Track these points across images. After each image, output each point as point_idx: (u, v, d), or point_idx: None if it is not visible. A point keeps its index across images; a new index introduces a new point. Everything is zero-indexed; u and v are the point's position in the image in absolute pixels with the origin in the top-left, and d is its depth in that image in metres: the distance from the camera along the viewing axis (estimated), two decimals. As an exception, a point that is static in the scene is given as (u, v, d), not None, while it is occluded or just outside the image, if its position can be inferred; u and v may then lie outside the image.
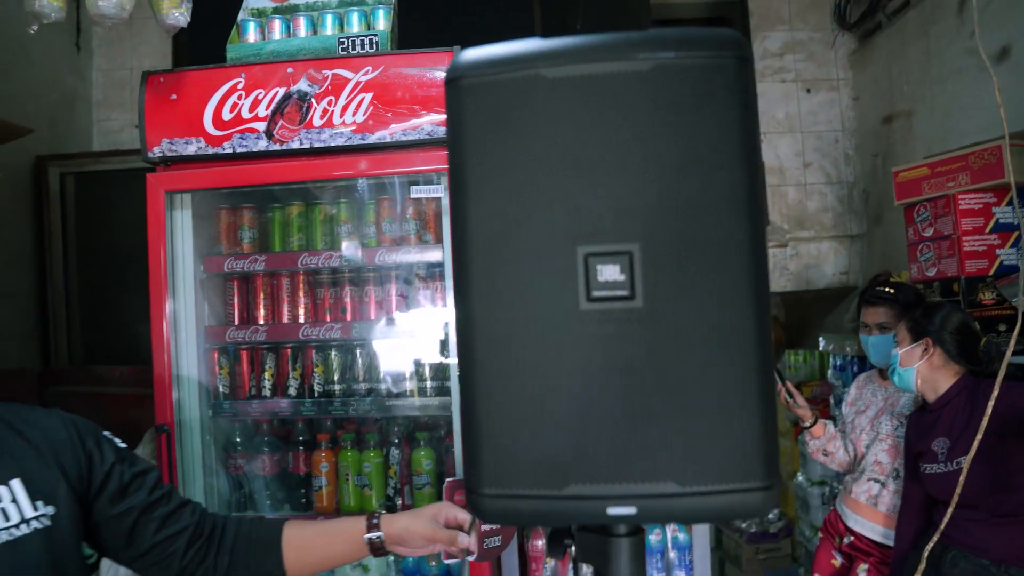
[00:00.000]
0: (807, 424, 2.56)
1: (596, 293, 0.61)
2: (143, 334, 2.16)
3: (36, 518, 0.96)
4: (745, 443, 0.60)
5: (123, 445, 1.13)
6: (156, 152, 2.10)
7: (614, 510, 0.62)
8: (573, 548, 0.78)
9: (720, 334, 0.60)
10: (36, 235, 3.52)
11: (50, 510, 0.98)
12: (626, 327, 0.61)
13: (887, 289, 2.48)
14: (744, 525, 4.39)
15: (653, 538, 2.08)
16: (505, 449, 0.64)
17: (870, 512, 2.42)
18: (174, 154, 2.09)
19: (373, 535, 1.17)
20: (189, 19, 1.95)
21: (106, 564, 1.97)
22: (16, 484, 0.96)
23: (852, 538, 2.48)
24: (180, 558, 1.11)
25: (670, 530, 2.09)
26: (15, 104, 3.24)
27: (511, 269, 0.63)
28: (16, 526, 0.94)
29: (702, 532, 2.04)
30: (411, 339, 2.20)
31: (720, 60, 0.59)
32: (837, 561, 2.59)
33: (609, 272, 0.61)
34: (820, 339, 4.11)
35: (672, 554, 2.09)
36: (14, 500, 0.95)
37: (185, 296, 2.19)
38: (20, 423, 1.02)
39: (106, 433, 1.12)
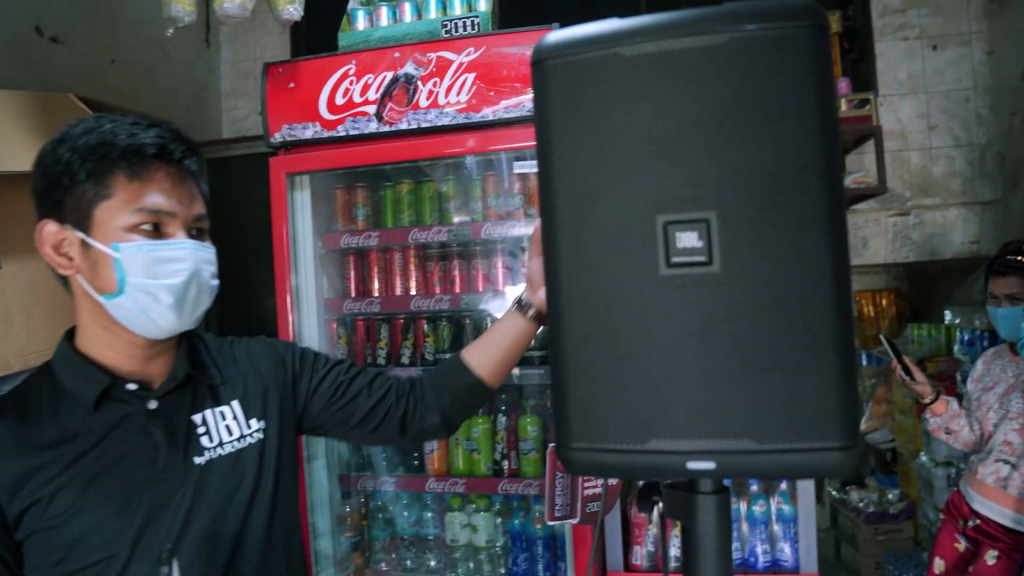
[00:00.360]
0: (927, 400, 2.45)
1: (675, 259, 0.64)
2: (269, 307, 2.34)
3: (251, 433, 1.13)
4: (822, 403, 0.61)
5: (315, 350, 1.32)
6: (277, 137, 2.25)
7: (693, 465, 0.65)
8: (661, 504, 0.82)
9: (798, 297, 0.61)
10: (177, 218, 3.83)
11: (262, 425, 1.15)
12: (704, 291, 0.63)
13: (1018, 257, 2.32)
14: (861, 504, 4.22)
15: (757, 509, 2.06)
16: (591, 406, 0.68)
17: (999, 495, 2.30)
18: (293, 139, 2.24)
19: (519, 299, 1.27)
20: (302, 12, 2.08)
21: None
22: (236, 404, 1.14)
23: (978, 521, 2.37)
24: (395, 409, 1.28)
25: (774, 502, 2.06)
26: (157, 98, 3.55)
27: (595, 238, 0.66)
28: (238, 439, 1.11)
29: (807, 505, 2.00)
30: (516, 311, 2.26)
31: (794, 30, 0.59)
32: (961, 545, 2.47)
33: (687, 239, 0.63)
34: (946, 312, 3.88)
35: (776, 527, 2.06)
36: (235, 418, 1.13)
37: (306, 271, 2.34)
38: (235, 352, 1.21)
39: (298, 344, 1.32)
